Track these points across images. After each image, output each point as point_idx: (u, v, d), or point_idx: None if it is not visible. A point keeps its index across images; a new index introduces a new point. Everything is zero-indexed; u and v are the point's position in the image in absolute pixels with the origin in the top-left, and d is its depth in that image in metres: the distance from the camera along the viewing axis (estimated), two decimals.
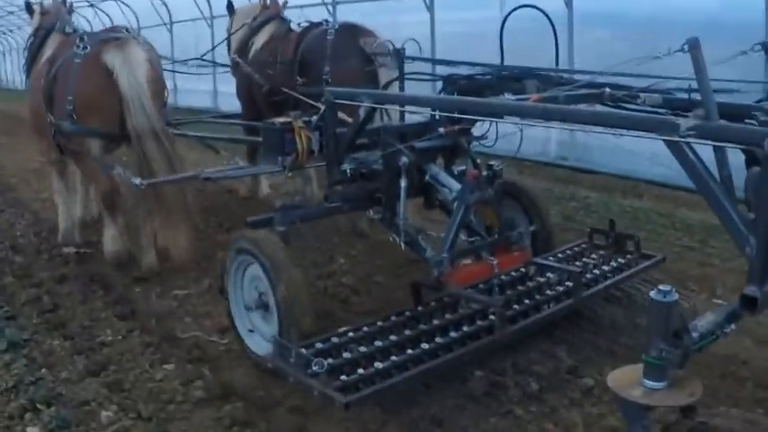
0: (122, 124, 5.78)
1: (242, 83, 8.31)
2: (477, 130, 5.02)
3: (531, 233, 5.17)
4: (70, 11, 7.39)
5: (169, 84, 7.16)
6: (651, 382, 2.85)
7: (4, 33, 35.54)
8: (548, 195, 8.03)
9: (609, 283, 4.78)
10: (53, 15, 7.04)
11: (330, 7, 12.86)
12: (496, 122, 4.71)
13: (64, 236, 7.22)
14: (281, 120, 4.94)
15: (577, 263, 4.94)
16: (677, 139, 3.03)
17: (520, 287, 4.58)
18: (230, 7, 9.11)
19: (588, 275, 4.75)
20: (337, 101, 4.68)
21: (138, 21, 19.13)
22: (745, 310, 3.06)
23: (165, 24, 19.48)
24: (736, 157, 3.37)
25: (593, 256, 5.12)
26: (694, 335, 2.95)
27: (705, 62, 3.22)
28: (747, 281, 3.02)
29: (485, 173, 4.83)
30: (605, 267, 4.91)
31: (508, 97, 4.41)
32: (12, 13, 27.44)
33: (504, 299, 4.27)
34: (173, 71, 9.38)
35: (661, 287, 2.83)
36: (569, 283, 4.56)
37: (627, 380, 2.92)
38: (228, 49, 8.92)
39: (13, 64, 36.88)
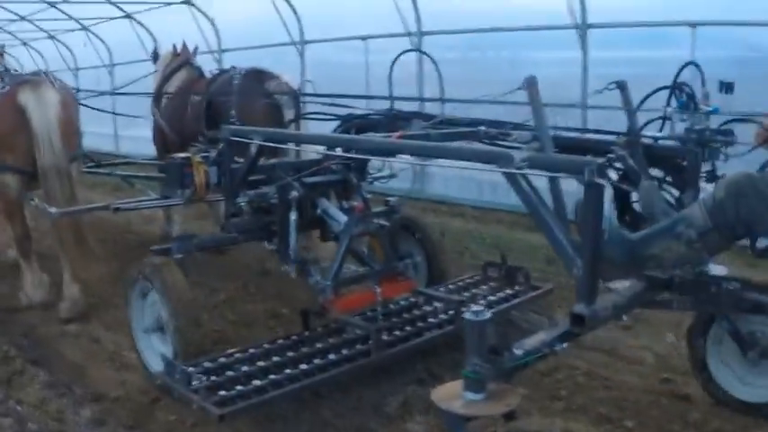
0: (34, 162, 5.98)
1: (156, 130, 8.34)
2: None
3: (426, 265, 5.45)
4: (1, 52, 7.61)
5: None
6: (470, 395, 3.09)
7: None
8: None
9: (493, 312, 5.02)
10: None
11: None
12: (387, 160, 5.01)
13: None
14: (182, 155, 5.20)
15: (466, 293, 5.21)
16: (512, 170, 3.33)
17: (405, 315, 4.86)
18: (155, 56, 9.28)
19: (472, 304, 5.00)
20: (233, 138, 4.96)
21: (46, 64, 18.92)
22: (575, 328, 3.33)
23: (70, 70, 19.42)
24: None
25: (484, 287, 5.40)
26: (518, 351, 3.20)
27: (541, 98, 3.54)
28: (576, 300, 3.29)
29: (382, 208, 5.12)
30: (492, 297, 5.18)
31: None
32: None
33: (382, 324, 4.57)
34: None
35: (474, 308, 3.11)
36: (453, 312, 4.83)
37: (450, 394, 3.16)
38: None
39: None
